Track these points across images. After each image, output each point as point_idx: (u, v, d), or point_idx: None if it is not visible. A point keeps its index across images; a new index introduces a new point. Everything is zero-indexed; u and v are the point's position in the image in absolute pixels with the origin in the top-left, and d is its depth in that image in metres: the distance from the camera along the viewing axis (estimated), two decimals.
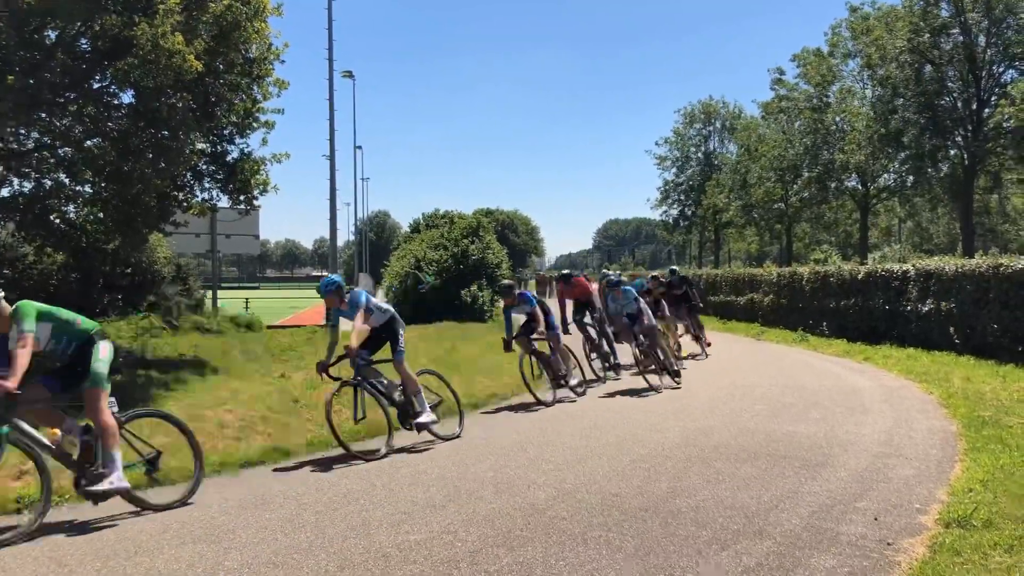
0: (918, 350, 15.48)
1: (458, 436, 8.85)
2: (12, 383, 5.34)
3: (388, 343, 8.77)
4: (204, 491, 6.57)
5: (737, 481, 6.69)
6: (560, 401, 11.12)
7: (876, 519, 5.59)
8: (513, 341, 11.34)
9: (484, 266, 30.10)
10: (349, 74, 44.37)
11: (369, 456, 7.85)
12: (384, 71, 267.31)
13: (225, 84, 12.69)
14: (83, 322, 6.15)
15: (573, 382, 11.73)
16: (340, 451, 7.99)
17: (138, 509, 6.12)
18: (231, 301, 34.05)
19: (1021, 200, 41.73)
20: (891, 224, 53.99)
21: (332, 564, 4.96)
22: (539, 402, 10.83)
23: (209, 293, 26.36)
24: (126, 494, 6.01)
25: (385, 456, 7.89)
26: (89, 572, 4.92)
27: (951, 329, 15.19)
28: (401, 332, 8.82)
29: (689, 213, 64.19)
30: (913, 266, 17.36)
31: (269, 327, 26.54)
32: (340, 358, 8.23)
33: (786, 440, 8.25)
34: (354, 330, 8.15)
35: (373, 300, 8.74)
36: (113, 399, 6.16)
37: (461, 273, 29.08)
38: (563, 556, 5.00)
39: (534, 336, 11.45)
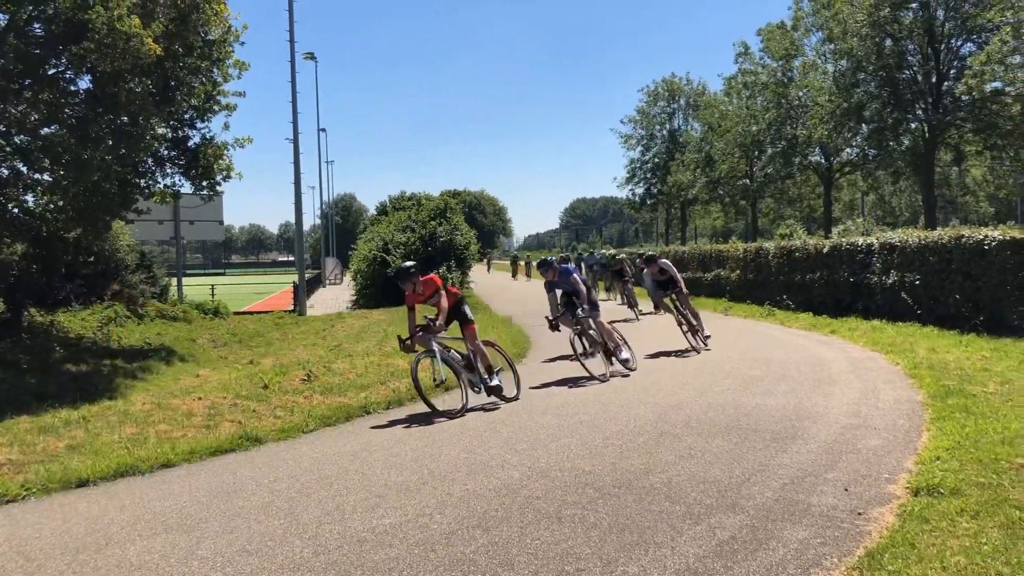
0: (883, 322, 15.70)
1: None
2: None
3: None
4: (174, 480, 6.57)
5: (709, 456, 6.75)
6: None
7: (846, 489, 5.67)
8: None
9: (453, 247, 30.11)
10: (311, 56, 44.00)
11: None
12: (346, 54, 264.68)
13: (185, 67, 12.51)
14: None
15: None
16: (312, 436, 8.15)
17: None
18: (196, 288, 33.71)
19: (981, 172, 42.26)
20: (854, 198, 54.55)
21: (307, 550, 4.93)
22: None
23: (174, 280, 26.07)
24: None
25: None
26: (58, 566, 4.84)
27: (914, 300, 15.41)
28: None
29: (655, 191, 64.50)
30: (877, 239, 17.57)
31: (236, 313, 26.35)
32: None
33: (756, 413, 8.33)
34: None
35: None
36: None
37: (430, 255, 29.06)
38: (539, 535, 5.01)
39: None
